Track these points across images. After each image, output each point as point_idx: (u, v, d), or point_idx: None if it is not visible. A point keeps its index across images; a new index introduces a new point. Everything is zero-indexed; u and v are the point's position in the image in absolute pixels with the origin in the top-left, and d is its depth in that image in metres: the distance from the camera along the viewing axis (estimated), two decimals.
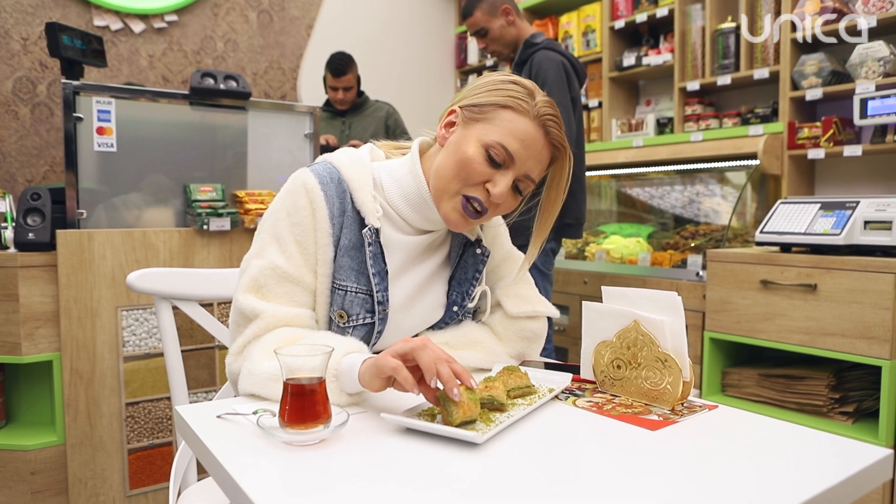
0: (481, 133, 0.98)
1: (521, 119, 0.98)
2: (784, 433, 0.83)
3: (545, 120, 0.99)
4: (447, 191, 1.00)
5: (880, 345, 1.84)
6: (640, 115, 3.43)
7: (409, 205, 1.05)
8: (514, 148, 0.97)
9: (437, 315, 1.11)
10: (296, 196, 1.01)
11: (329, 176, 1.02)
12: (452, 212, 1.01)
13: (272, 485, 0.66)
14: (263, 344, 0.94)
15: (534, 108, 0.99)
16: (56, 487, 1.97)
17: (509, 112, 0.99)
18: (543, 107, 1.00)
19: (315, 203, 1.00)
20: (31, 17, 3.15)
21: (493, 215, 1.04)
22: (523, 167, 0.99)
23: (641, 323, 0.93)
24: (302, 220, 1.00)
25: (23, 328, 1.91)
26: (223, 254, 2.17)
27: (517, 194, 1.03)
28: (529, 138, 0.98)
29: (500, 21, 2.41)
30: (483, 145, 0.98)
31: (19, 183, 3.14)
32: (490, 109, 0.99)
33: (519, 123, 0.98)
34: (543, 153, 1.01)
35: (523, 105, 0.99)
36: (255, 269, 0.99)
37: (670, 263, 2.65)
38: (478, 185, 0.99)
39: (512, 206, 1.04)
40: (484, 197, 0.99)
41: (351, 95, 3.36)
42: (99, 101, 2.06)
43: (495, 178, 0.98)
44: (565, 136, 1.02)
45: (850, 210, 2.00)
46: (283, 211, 1.01)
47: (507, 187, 0.98)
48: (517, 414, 0.84)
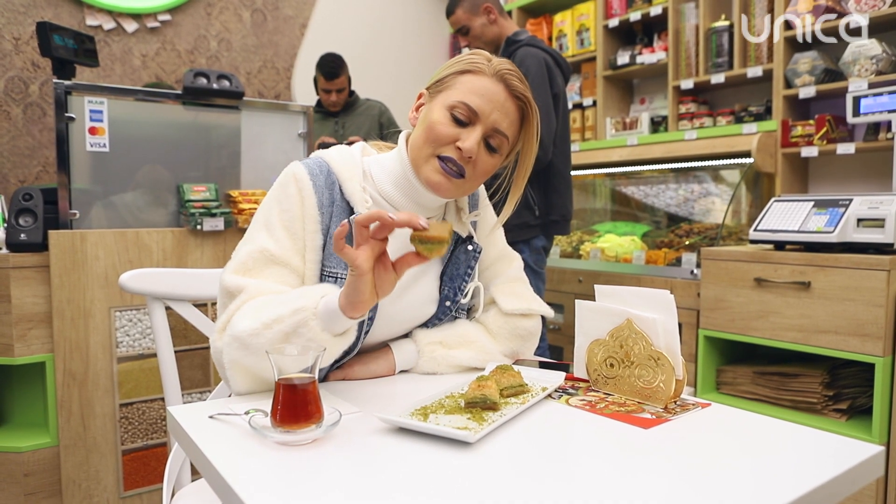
0: (444, 99, 1.03)
1: (479, 78, 1.02)
2: (776, 430, 0.83)
3: (503, 74, 1.02)
4: (421, 156, 1.03)
5: (873, 342, 1.85)
6: (635, 114, 3.43)
7: (398, 188, 1.06)
8: (476, 103, 1.00)
9: (429, 310, 1.11)
10: (286, 186, 1.03)
11: (319, 168, 1.05)
12: (433, 174, 1.02)
13: (264, 485, 0.66)
14: (243, 311, 0.93)
15: (490, 67, 1.03)
16: (50, 489, 1.96)
17: (468, 75, 1.03)
18: (500, 65, 1.03)
19: (304, 192, 1.01)
20: (23, 17, 3.13)
21: (475, 177, 1.04)
22: (489, 120, 1.01)
23: (634, 321, 0.93)
24: (291, 207, 1.01)
25: (15, 329, 1.90)
26: (217, 254, 2.17)
27: (493, 152, 1.04)
28: (490, 92, 1.01)
29: (481, 19, 2.42)
30: (447, 107, 1.02)
31: (11, 183, 3.12)
32: (450, 78, 1.04)
33: (478, 82, 1.02)
34: (507, 105, 1.03)
35: (480, 66, 1.03)
36: (244, 254, 1.00)
37: (665, 262, 2.65)
38: (448, 145, 1.01)
39: (491, 165, 1.05)
40: (457, 155, 1.01)
41: (343, 97, 3.33)
42: (91, 100, 2.05)
43: (462, 135, 1.01)
44: (528, 90, 1.05)
45: (843, 208, 2.00)
46: (274, 200, 1.03)
47: (476, 142, 1.00)
48: (510, 413, 0.84)
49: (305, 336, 0.87)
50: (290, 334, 0.87)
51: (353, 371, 1.05)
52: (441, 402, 0.88)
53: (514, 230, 2.23)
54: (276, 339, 0.87)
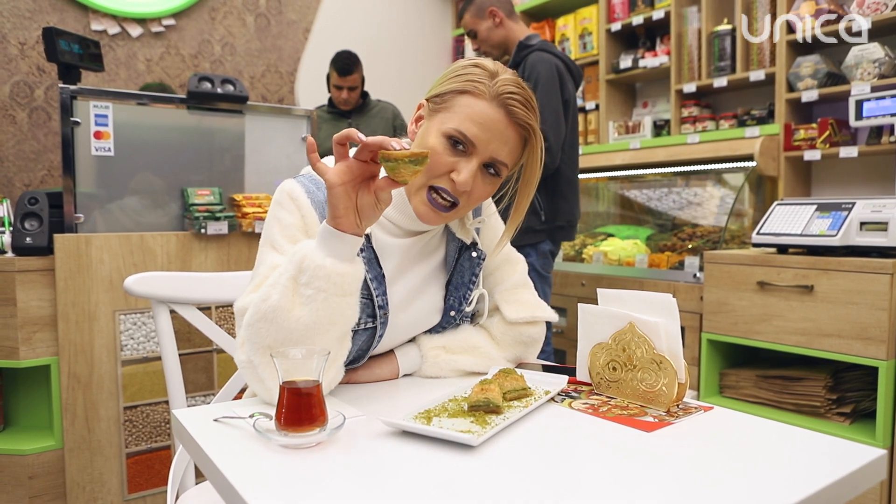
0: (441, 122, 0.98)
1: (478, 102, 0.97)
2: (778, 434, 0.83)
3: (504, 100, 0.97)
4: (414, 184, 0.99)
5: (877, 345, 1.85)
6: (637, 118, 3.43)
7: (395, 207, 1.04)
8: (473, 132, 0.96)
9: (433, 319, 1.11)
10: (282, 204, 1.01)
11: (315, 185, 1.03)
12: (420, 205, 0.99)
13: (268, 488, 0.67)
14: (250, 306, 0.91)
15: (492, 89, 0.97)
16: (54, 492, 1.97)
17: (467, 97, 0.97)
18: (503, 86, 0.97)
19: (303, 209, 1.00)
20: (29, 22, 3.15)
21: (469, 205, 1.02)
22: (486, 151, 0.97)
23: (637, 325, 0.93)
24: (291, 221, 1.00)
25: (20, 332, 1.91)
26: (221, 257, 2.18)
27: (492, 177, 1.01)
28: (489, 120, 0.96)
29: (487, 23, 2.44)
30: (443, 134, 0.97)
31: (17, 187, 3.14)
32: (450, 97, 0.99)
33: (476, 107, 0.96)
34: (507, 133, 0.98)
35: (480, 87, 0.97)
36: (255, 277, 0.99)
37: (667, 265, 2.65)
38: (443, 175, 0.97)
39: (487, 192, 1.01)
40: (451, 186, 0.97)
41: (355, 95, 3.30)
42: (96, 105, 2.06)
43: (458, 165, 0.97)
44: (533, 114, 1.00)
45: (846, 211, 2.00)
46: (273, 219, 1.01)
47: (472, 174, 0.96)
48: (513, 416, 0.84)
49: (310, 270, 0.85)
50: (295, 278, 0.86)
51: (356, 375, 1.06)
52: (444, 406, 0.88)
53: (520, 235, 2.21)
54: (285, 291, 0.85)
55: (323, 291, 0.85)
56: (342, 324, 0.90)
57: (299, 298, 0.86)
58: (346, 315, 0.89)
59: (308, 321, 0.86)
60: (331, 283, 0.85)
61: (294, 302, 0.86)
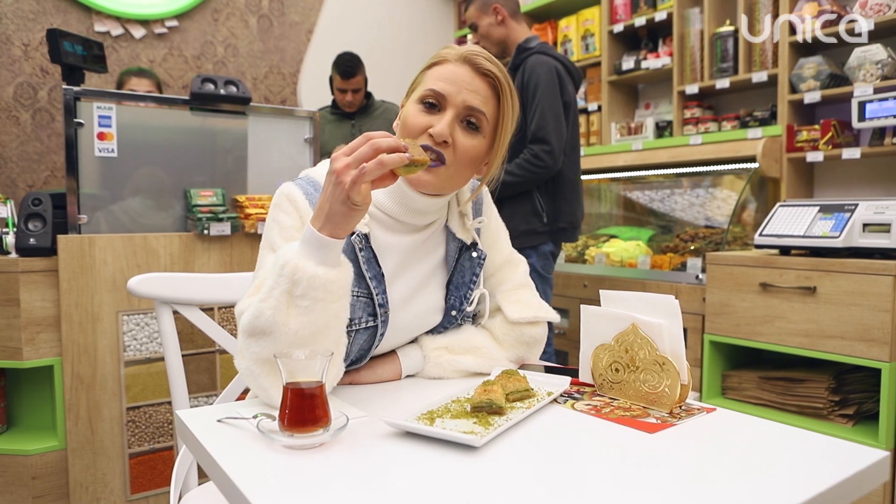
0: (414, 96, 1.04)
1: (443, 66, 1.03)
2: (781, 436, 0.83)
3: (467, 56, 1.02)
4: None
5: (880, 347, 1.85)
6: (640, 119, 3.43)
7: (391, 196, 1.05)
8: (441, 86, 1.00)
9: (434, 319, 1.11)
10: (281, 206, 1.02)
11: (313, 187, 1.03)
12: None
13: (272, 488, 0.67)
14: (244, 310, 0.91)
15: (455, 54, 1.03)
16: (57, 492, 1.97)
17: (433, 67, 1.04)
18: (466, 50, 1.03)
19: (301, 211, 1.01)
20: (32, 24, 3.16)
21: (459, 162, 1.01)
22: (457, 100, 1.00)
23: (639, 326, 0.93)
24: (291, 224, 1.00)
25: (24, 333, 1.92)
26: (224, 258, 2.18)
27: (473, 130, 1.02)
28: (454, 75, 1.01)
29: (488, 18, 2.44)
30: (416, 101, 1.02)
31: (20, 188, 3.15)
32: (419, 77, 1.06)
33: (443, 70, 1.02)
34: (475, 82, 1.01)
35: (446, 56, 1.03)
36: (258, 279, 0.99)
37: (670, 266, 2.65)
38: (422, 134, 1.01)
39: (473, 146, 1.02)
40: (431, 141, 0.99)
41: (359, 98, 3.29)
42: (100, 106, 2.07)
43: (433, 120, 1.00)
44: (498, 68, 1.03)
45: (848, 212, 2.00)
46: (272, 221, 1.02)
47: (448, 123, 0.99)
48: (516, 417, 0.84)
49: (304, 282, 0.85)
50: (290, 291, 0.85)
51: (359, 376, 1.06)
52: (447, 407, 0.88)
53: (522, 236, 2.23)
54: (279, 305, 0.85)
55: (320, 301, 0.86)
56: (337, 326, 0.91)
57: (295, 311, 0.86)
58: (341, 316, 0.91)
59: (307, 332, 0.87)
60: (327, 292, 0.86)
61: (289, 314, 0.86)
